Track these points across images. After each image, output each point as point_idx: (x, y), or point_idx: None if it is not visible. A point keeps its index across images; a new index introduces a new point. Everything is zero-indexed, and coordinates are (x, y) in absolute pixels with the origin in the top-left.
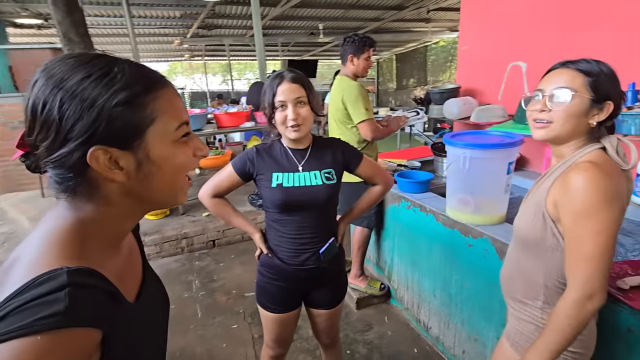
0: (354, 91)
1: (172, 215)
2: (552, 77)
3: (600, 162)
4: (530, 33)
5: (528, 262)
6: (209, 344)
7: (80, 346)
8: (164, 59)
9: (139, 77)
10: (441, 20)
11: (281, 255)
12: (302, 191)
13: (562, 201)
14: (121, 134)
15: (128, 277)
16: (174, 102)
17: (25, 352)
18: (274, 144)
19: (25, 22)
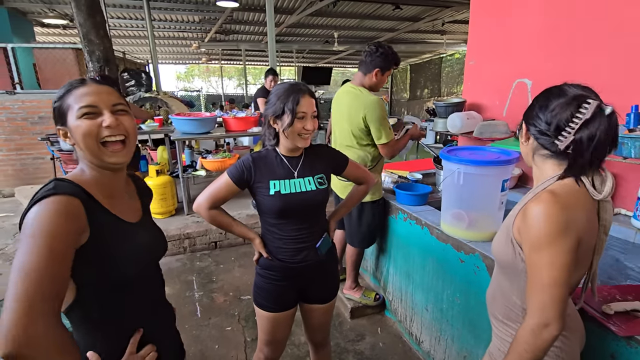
0: (378, 110)
1: (177, 215)
2: None
3: (561, 192)
4: (537, 51)
5: (506, 284)
6: (202, 345)
7: (67, 203)
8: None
9: (67, 85)
10: (456, 32)
11: (281, 256)
12: (299, 197)
13: (522, 230)
14: (60, 118)
15: (126, 212)
16: (79, 95)
17: (43, 206)
18: (268, 152)
19: (51, 22)
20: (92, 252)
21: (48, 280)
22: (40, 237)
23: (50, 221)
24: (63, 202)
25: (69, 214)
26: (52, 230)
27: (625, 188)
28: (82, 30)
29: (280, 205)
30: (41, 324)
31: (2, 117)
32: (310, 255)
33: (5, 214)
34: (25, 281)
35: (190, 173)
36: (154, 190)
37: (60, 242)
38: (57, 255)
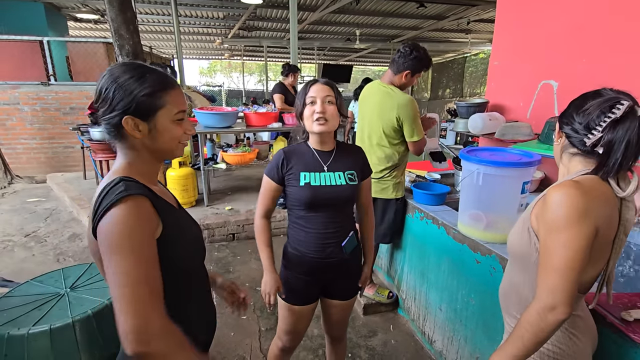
0: (412, 107)
1: (197, 206)
2: None
3: (585, 182)
4: (565, 52)
5: (519, 277)
6: (218, 332)
7: (141, 205)
8: (204, 57)
9: (159, 81)
10: (482, 31)
11: (306, 250)
12: (328, 190)
13: (540, 215)
14: (143, 112)
15: (169, 198)
16: (177, 97)
17: (123, 211)
18: (301, 145)
19: (84, 17)
20: (166, 242)
21: (151, 281)
22: (132, 243)
23: (136, 225)
24: (139, 204)
25: (147, 214)
26: (140, 234)
27: None
28: (114, 25)
29: (309, 196)
30: (157, 321)
31: (36, 107)
32: (335, 253)
33: (38, 199)
34: (132, 286)
35: (211, 166)
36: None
37: (149, 244)
38: (150, 256)
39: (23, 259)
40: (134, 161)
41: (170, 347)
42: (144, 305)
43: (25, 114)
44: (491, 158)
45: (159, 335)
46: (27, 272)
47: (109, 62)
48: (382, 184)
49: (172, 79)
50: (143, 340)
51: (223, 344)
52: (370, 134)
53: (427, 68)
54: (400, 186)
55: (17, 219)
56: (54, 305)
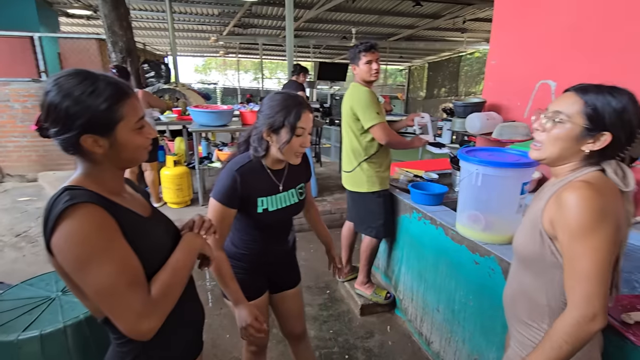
0: (363, 97)
1: (192, 205)
2: (559, 98)
3: (595, 181)
4: (563, 52)
5: (530, 281)
6: (213, 334)
7: (91, 212)
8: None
9: (113, 92)
10: (477, 30)
11: (252, 251)
12: (284, 211)
13: (558, 219)
14: (101, 128)
15: (137, 207)
16: (133, 106)
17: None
18: (253, 164)
19: (76, 13)
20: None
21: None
22: (91, 251)
23: (91, 231)
24: (88, 211)
25: (100, 218)
26: (98, 238)
27: None
28: (107, 21)
29: (266, 222)
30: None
31: (27, 104)
32: (279, 248)
33: (29, 197)
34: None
35: (206, 164)
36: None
37: (113, 243)
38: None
39: (14, 259)
40: (92, 172)
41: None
42: (127, 307)
43: (15, 111)
44: (490, 158)
45: (151, 319)
46: (18, 273)
47: (102, 59)
48: (354, 177)
49: (125, 85)
50: (141, 334)
51: (218, 346)
52: (345, 131)
53: (364, 51)
54: (375, 179)
55: (8, 218)
56: (45, 309)
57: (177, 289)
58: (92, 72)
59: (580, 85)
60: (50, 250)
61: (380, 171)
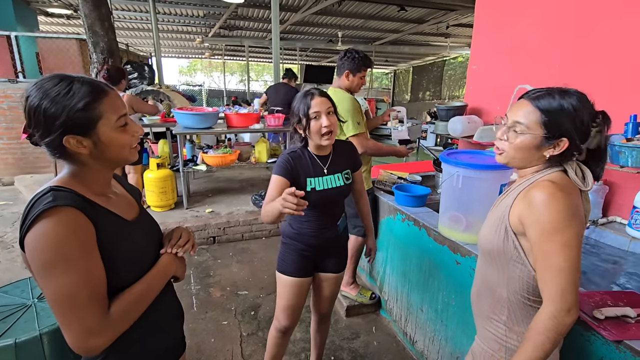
0: (346, 105)
1: (176, 209)
2: (516, 107)
3: (559, 181)
4: (539, 58)
5: (492, 275)
6: (198, 338)
7: (71, 217)
8: (184, 56)
9: (89, 90)
10: (460, 36)
11: (305, 231)
12: (331, 192)
13: (527, 217)
14: (82, 128)
15: (123, 209)
16: (113, 103)
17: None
18: (301, 152)
19: (55, 12)
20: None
21: (88, 288)
22: (62, 257)
23: (65, 237)
24: (68, 215)
25: (78, 225)
26: (70, 245)
27: (621, 196)
28: (87, 21)
29: (315, 200)
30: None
31: (3, 105)
32: (329, 233)
33: (5, 202)
34: (65, 305)
35: (191, 167)
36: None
37: (84, 253)
38: (86, 265)
39: None
40: (79, 172)
41: (117, 332)
42: (79, 321)
43: None
44: (470, 161)
45: (101, 338)
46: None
47: (83, 60)
48: None
49: (102, 84)
50: (86, 350)
51: (203, 351)
52: None
53: (365, 65)
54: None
55: None
56: (20, 317)
57: (138, 312)
58: (69, 75)
59: (534, 93)
60: (23, 246)
61: (366, 171)
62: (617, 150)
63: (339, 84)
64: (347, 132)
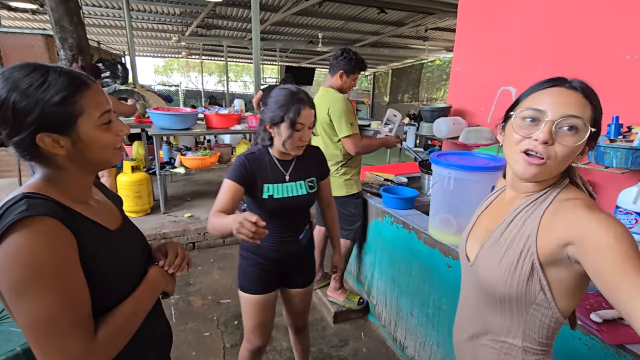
0: (339, 105)
1: (152, 214)
2: (558, 97)
3: (587, 198)
4: (522, 60)
5: (499, 323)
6: (178, 351)
7: (48, 228)
8: (160, 55)
9: (68, 82)
10: (438, 39)
11: (264, 244)
12: (290, 201)
13: (582, 241)
14: (58, 124)
15: (105, 217)
16: (96, 98)
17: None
18: (261, 153)
19: (19, 6)
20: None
21: (70, 311)
22: (40, 276)
23: (42, 253)
24: (44, 227)
25: (57, 237)
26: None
27: (605, 196)
28: (54, 15)
29: (272, 209)
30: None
31: None
32: (291, 246)
33: None
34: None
35: (168, 170)
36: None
37: (64, 271)
38: (68, 285)
39: None
40: (55, 176)
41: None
42: (62, 350)
43: None
44: (461, 162)
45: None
46: None
47: (49, 56)
48: (332, 183)
49: (83, 76)
50: None
51: None
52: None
53: (359, 68)
54: (351, 183)
55: None
56: None
57: (128, 334)
58: (43, 64)
59: (570, 81)
60: None
61: (355, 173)
62: (602, 151)
63: (331, 83)
64: (340, 133)
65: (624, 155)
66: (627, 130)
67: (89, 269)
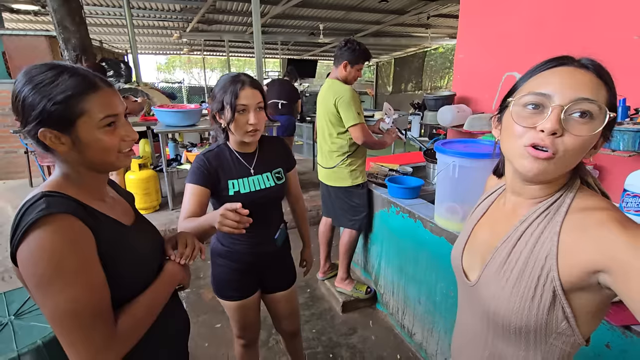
0: (347, 95)
1: (161, 210)
2: (567, 78)
3: (611, 207)
4: (526, 45)
5: (515, 353)
6: (191, 343)
7: (67, 224)
8: (162, 52)
9: (75, 84)
10: (441, 26)
11: (237, 247)
12: (259, 195)
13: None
14: (58, 122)
15: (120, 214)
16: (102, 100)
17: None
18: (221, 149)
19: (21, 8)
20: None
21: (93, 304)
22: (61, 271)
23: (63, 249)
24: (64, 223)
25: (76, 234)
26: (70, 257)
27: (612, 180)
28: (56, 16)
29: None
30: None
31: None
32: (266, 247)
33: None
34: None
35: (175, 167)
36: (136, 184)
37: (85, 265)
38: (88, 279)
39: None
40: (71, 173)
41: (127, 347)
42: (86, 339)
43: None
44: (466, 150)
45: (111, 354)
46: None
47: (53, 58)
48: (337, 173)
49: (97, 79)
50: None
51: (197, 357)
52: (322, 127)
53: (363, 58)
54: (356, 174)
55: None
56: None
57: (147, 324)
58: (62, 64)
59: (588, 60)
60: (15, 259)
61: (361, 164)
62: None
63: (336, 74)
64: (347, 122)
65: (631, 138)
66: (634, 112)
67: (108, 263)
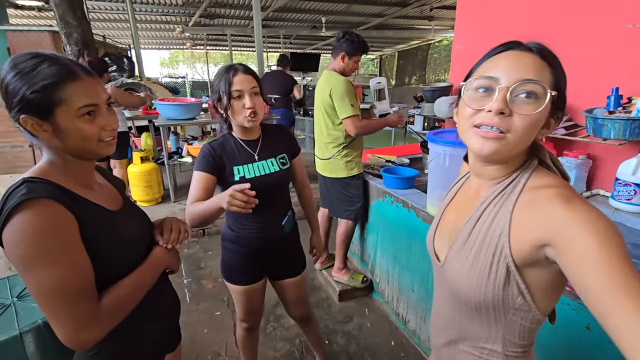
0: (341, 87)
1: (163, 203)
2: (513, 61)
3: (562, 184)
4: (523, 36)
5: (478, 330)
6: (191, 330)
7: (48, 209)
8: (165, 47)
9: (54, 73)
10: (444, 18)
11: (246, 232)
12: (264, 179)
13: (561, 244)
14: (38, 110)
15: (106, 199)
16: (80, 90)
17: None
18: (226, 138)
19: (25, 4)
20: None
21: (74, 282)
22: (43, 252)
23: (44, 231)
24: (45, 208)
25: (57, 217)
26: (51, 239)
27: (604, 169)
28: (58, 11)
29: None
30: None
31: None
32: (274, 232)
33: None
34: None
35: (176, 160)
36: (139, 177)
37: (66, 246)
38: (70, 259)
39: None
40: (56, 160)
41: (109, 325)
42: (70, 314)
43: None
44: (457, 140)
45: (93, 330)
46: None
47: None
48: (333, 164)
49: (77, 68)
50: (78, 344)
51: (197, 342)
52: (319, 119)
53: (361, 50)
54: (352, 165)
55: None
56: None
57: (131, 305)
58: (45, 53)
59: (517, 42)
60: (2, 242)
61: (356, 155)
62: (600, 123)
63: (333, 66)
64: (340, 114)
65: (622, 127)
66: (627, 101)
67: (92, 246)
